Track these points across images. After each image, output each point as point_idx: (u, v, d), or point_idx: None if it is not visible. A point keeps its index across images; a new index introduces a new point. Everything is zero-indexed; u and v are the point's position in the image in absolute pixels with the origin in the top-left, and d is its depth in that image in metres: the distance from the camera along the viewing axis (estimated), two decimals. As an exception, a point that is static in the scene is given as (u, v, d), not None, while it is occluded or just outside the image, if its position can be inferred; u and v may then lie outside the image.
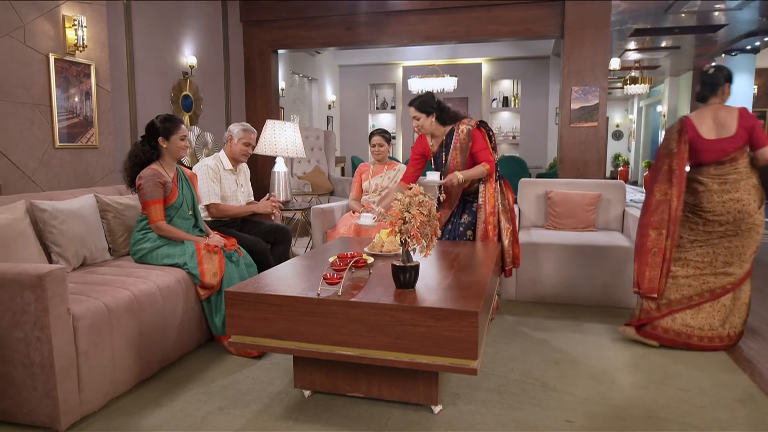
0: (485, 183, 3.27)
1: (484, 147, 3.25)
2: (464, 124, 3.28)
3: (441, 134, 3.34)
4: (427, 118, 3.25)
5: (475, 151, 3.24)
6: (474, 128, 3.25)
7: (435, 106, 3.26)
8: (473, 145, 3.24)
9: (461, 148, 3.25)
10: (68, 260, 2.69)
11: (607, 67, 6.19)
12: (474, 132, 3.25)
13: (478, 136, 3.25)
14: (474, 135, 3.24)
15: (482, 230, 3.25)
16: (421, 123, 3.27)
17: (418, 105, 3.25)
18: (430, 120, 3.26)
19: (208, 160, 3.47)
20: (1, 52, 3.53)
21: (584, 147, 6.27)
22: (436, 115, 3.26)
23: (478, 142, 3.24)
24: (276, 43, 7.09)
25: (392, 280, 2.14)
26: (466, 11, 6.50)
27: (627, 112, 16.77)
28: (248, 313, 2.09)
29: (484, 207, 3.27)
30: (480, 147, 3.24)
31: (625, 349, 2.90)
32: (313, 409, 2.25)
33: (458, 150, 3.26)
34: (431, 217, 2.06)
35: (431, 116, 3.26)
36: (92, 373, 2.16)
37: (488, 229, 3.26)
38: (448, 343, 1.89)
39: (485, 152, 3.25)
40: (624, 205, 4.20)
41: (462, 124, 3.28)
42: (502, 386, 2.45)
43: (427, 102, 3.25)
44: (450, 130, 3.31)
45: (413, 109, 3.26)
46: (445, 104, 3.33)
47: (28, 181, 3.73)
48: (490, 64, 10.13)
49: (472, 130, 3.24)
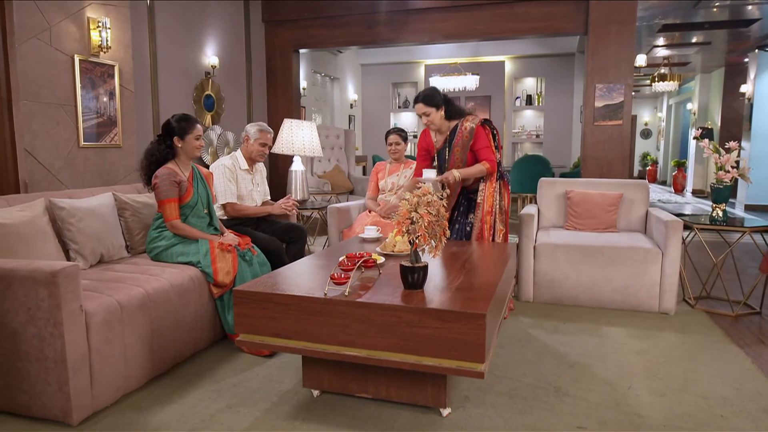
0: (485, 181, 3.25)
1: (486, 145, 3.21)
2: (468, 121, 3.25)
3: (446, 130, 3.31)
4: (437, 111, 3.22)
5: (477, 149, 3.21)
6: (478, 125, 3.22)
7: (442, 100, 3.23)
8: (475, 143, 3.20)
9: (463, 145, 3.23)
10: (85, 257, 2.74)
11: (632, 64, 6.04)
12: (477, 129, 3.21)
13: (481, 133, 3.21)
14: (477, 132, 3.21)
15: (478, 228, 3.24)
16: (431, 118, 3.23)
17: (426, 100, 3.21)
18: (440, 114, 3.23)
19: (225, 160, 3.50)
20: (28, 54, 3.61)
21: (608, 146, 6.14)
22: (444, 108, 3.24)
23: (480, 139, 3.21)
24: (297, 42, 7.13)
25: (401, 280, 2.12)
26: (488, 8, 6.42)
27: (656, 110, 16.37)
28: (256, 312, 2.09)
29: (482, 206, 3.25)
30: (482, 145, 3.20)
31: (643, 354, 2.82)
32: (321, 409, 2.24)
33: (460, 146, 3.24)
34: (440, 217, 2.03)
35: (440, 110, 3.23)
36: (104, 368, 2.20)
37: (483, 228, 3.23)
38: (455, 345, 1.85)
39: (487, 150, 3.21)
40: (647, 206, 4.08)
41: (466, 120, 3.26)
42: (514, 390, 2.40)
43: (434, 96, 3.22)
44: (454, 126, 3.28)
45: (421, 104, 3.22)
46: (450, 98, 3.30)
47: (54, 180, 3.81)
48: (513, 61, 10.00)
49: (475, 128, 3.21)
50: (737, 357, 2.78)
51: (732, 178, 3.52)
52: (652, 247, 3.49)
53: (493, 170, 3.22)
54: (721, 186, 3.56)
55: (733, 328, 3.24)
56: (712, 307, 3.61)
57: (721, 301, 3.75)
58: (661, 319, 3.38)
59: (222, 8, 6.28)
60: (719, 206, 3.60)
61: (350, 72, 10.45)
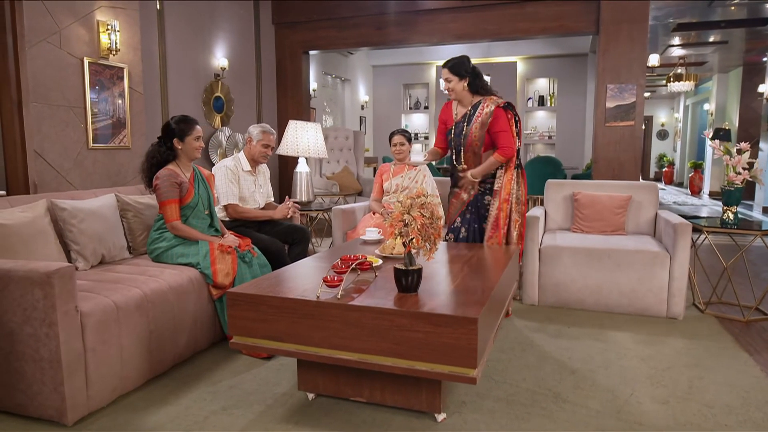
0: (504, 168, 3.19)
1: (505, 129, 3.13)
2: (491, 101, 3.18)
3: (468, 103, 3.24)
4: (459, 81, 3.15)
5: (495, 131, 3.14)
6: (498, 107, 3.15)
7: (469, 71, 3.16)
8: (494, 124, 3.13)
9: (482, 123, 3.15)
10: (86, 258, 2.76)
11: (644, 64, 5.94)
12: (497, 111, 3.14)
13: (501, 115, 3.14)
14: (497, 114, 3.13)
15: (494, 217, 3.18)
16: (452, 86, 3.18)
17: (451, 66, 3.17)
18: (462, 84, 3.16)
19: (227, 161, 3.51)
20: (38, 56, 3.65)
21: (620, 147, 6.04)
22: (468, 80, 3.16)
23: (500, 121, 3.13)
24: (307, 44, 7.14)
25: (395, 283, 2.09)
26: (499, 8, 6.37)
27: (673, 110, 16.11)
28: (249, 314, 2.08)
29: (499, 193, 3.19)
30: (501, 128, 3.13)
31: (648, 360, 2.76)
32: (316, 413, 2.22)
33: (479, 124, 3.16)
34: (434, 219, 2.00)
35: (464, 80, 3.16)
36: (100, 369, 2.20)
37: (500, 217, 3.19)
38: (447, 350, 1.82)
39: (506, 135, 3.13)
40: (657, 208, 4.00)
41: (490, 99, 3.19)
42: (512, 395, 2.36)
43: (462, 65, 3.16)
44: (477, 102, 3.21)
45: (446, 70, 3.18)
46: (480, 72, 3.22)
47: (63, 181, 3.85)
48: (525, 62, 9.91)
49: (495, 109, 3.14)
50: (746, 364, 2.71)
51: (743, 180, 3.43)
52: (660, 251, 3.41)
53: (510, 156, 3.15)
54: (732, 188, 3.47)
55: (743, 334, 3.16)
56: (722, 313, 3.52)
57: (732, 306, 3.66)
58: (669, 325, 3.31)
59: (232, 10, 6.31)
60: (730, 209, 3.51)
61: (361, 73, 10.45)
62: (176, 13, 5.41)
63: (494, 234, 3.26)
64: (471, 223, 3.33)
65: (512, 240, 3.20)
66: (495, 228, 3.21)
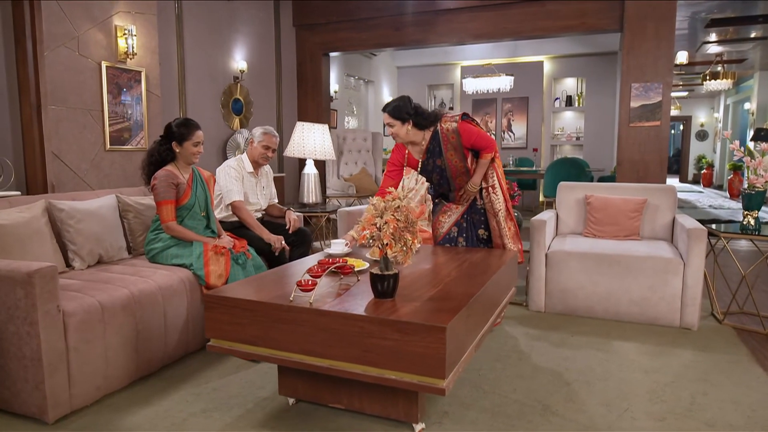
0: (492, 164, 3.13)
1: (477, 134, 3.02)
2: (447, 122, 3.03)
3: (421, 140, 3.06)
4: (402, 125, 2.96)
5: (473, 142, 3.04)
6: (459, 122, 3.03)
7: (411, 113, 2.96)
8: (466, 139, 3.02)
9: (454, 147, 3.03)
10: (83, 258, 2.80)
11: (671, 62, 5.70)
12: (461, 126, 3.01)
13: (466, 128, 3.02)
14: (462, 129, 3.01)
15: (504, 210, 3.13)
16: (395, 131, 3.00)
17: (391, 111, 2.98)
18: (406, 128, 2.97)
19: (231, 162, 3.52)
20: (57, 61, 3.76)
21: (645, 148, 5.81)
22: (412, 122, 2.98)
23: (470, 133, 3.02)
24: (327, 45, 7.15)
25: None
26: (519, 7, 6.23)
27: (713, 110, 15.46)
28: (224, 317, 2.07)
29: (499, 186, 3.14)
30: (474, 135, 3.02)
31: (652, 373, 2.61)
32: (293, 419, 2.19)
33: (452, 150, 3.04)
34: (409, 223, 1.94)
35: (407, 123, 2.97)
36: (83, 368, 2.23)
37: (509, 207, 3.15)
38: (416, 359, 1.76)
39: (480, 138, 3.04)
40: (674, 212, 3.81)
41: (444, 122, 3.03)
42: (499, 407, 2.27)
43: (402, 108, 2.95)
44: (433, 133, 3.05)
45: (386, 115, 3.00)
46: (422, 108, 3.03)
47: (80, 182, 3.95)
48: (552, 61, 9.68)
49: (458, 126, 3.01)
50: (759, 380, 2.53)
51: (766, 183, 3.22)
52: (673, 257, 3.24)
53: (494, 149, 3.08)
54: (752, 191, 3.27)
55: (762, 348, 2.97)
56: (742, 323, 3.32)
57: (754, 316, 3.44)
58: (682, 335, 3.14)
59: (251, 13, 6.37)
60: (751, 213, 3.31)
61: (385, 74, 10.42)
62: (195, 16, 5.49)
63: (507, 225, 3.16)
64: (467, 231, 3.24)
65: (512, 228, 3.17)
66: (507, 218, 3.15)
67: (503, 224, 3.13)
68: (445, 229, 3.27)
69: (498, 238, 3.15)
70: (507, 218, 3.16)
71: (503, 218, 3.13)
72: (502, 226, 3.13)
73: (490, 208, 3.16)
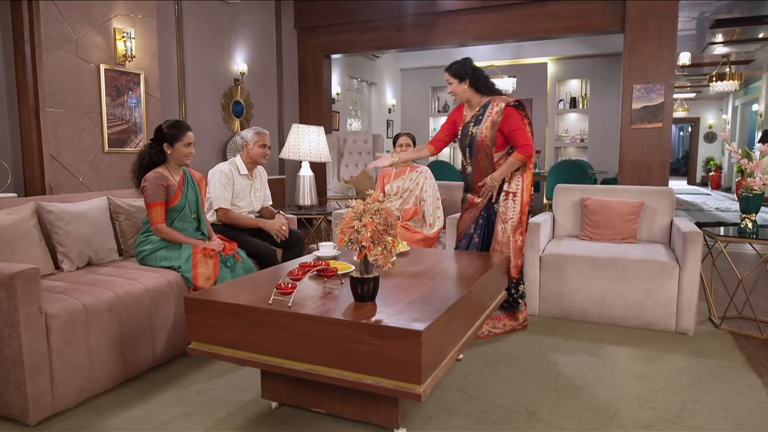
0: (523, 170, 3.11)
1: (519, 127, 3.05)
2: (501, 100, 3.11)
3: (476, 104, 3.18)
4: (459, 83, 3.11)
5: (510, 131, 3.06)
6: (510, 105, 3.07)
7: (469, 73, 3.11)
8: (506, 123, 3.05)
9: (492, 123, 3.09)
10: (72, 260, 2.81)
11: (674, 63, 5.64)
12: (508, 109, 3.06)
13: (513, 114, 3.06)
14: (508, 112, 3.06)
15: (516, 221, 3.09)
16: (453, 88, 3.16)
17: (451, 69, 3.15)
18: (463, 86, 3.12)
19: (223, 166, 3.51)
20: (55, 64, 3.78)
21: (647, 150, 5.75)
22: (469, 82, 3.11)
23: (512, 120, 3.05)
24: (328, 47, 7.16)
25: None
26: (520, 8, 6.20)
27: (721, 111, 15.30)
28: (204, 320, 2.05)
29: (520, 196, 3.10)
30: (515, 126, 3.05)
31: (643, 378, 2.57)
32: (275, 422, 2.17)
33: (489, 124, 3.10)
34: (389, 226, 1.92)
35: (464, 82, 3.11)
36: (66, 370, 2.22)
37: (523, 220, 3.12)
38: (392, 364, 1.73)
39: (521, 133, 3.05)
40: (672, 215, 3.76)
41: (500, 98, 3.12)
42: (484, 412, 2.24)
43: (462, 68, 3.12)
44: (486, 102, 3.15)
45: (447, 74, 3.16)
46: (483, 72, 3.16)
47: (78, 184, 3.97)
48: (556, 63, 9.62)
49: (505, 107, 3.06)
50: (752, 387, 2.48)
51: (763, 186, 3.16)
52: (669, 260, 3.19)
53: (530, 154, 3.07)
54: (750, 194, 3.21)
55: (758, 354, 2.91)
56: (740, 328, 3.27)
57: (753, 321, 3.38)
58: (677, 340, 3.09)
59: (253, 16, 6.38)
60: (749, 216, 3.25)
61: (388, 76, 10.40)
62: (195, 19, 5.51)
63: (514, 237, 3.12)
64: (484, 229, 3.23)
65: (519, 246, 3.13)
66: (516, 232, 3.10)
67: (509, 233, 3.11)
68: (465, 227, 3.28)
69: (497, 243, 3.13)
70: (516, 230, 3.11)
71: (511, 228, 3.10)
72: (507, 235, 3.10)
73: (502, 213, 3.14)
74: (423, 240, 3.72)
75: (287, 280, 2.06)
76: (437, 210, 3.86)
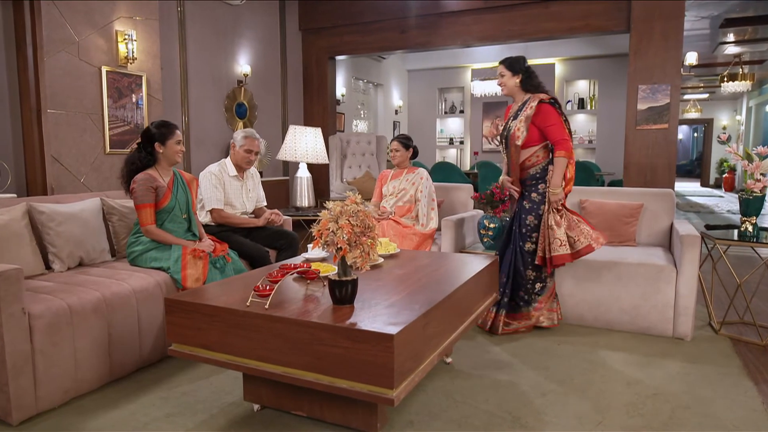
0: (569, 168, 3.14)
1: (555, 123, 3.06)
2: (538, 97, 3.13)
3: (519, 100, 3.24)
4: (512, 76, 3.18)
5: (545, 126, 3.08)
6: (543, 102, 3.09)
7: (523, 69, 3.18)
8: (539, 119, 3.07)
9: (526, 117, 3.11)
10: (62, 260, 2.82)
11: (680, 63, 5.55)
12: (542, 105, 3.08)
13: (547, 109, 3.08)
14: (542, 108, 3.08)
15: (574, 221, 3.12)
16: (505, 81, 3.22)
17: (506, 61, 3.22)
18: (515, 80, 3.18)
19: (213, 167, 3.52)
20: (57, 66, 3.81)
21: (652, 152, 5.67)
22: (521, 77, 3.17)
23: (547, 116, 3.07)
24: (332, 49, 7.16)
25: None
26: (522, 8, 6.15)
27: (735, 112, 15.05)
28: (185, 322, 2.05)
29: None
30: (550, 122, 3.06)
31: (634, 385, 2.51)
32: (255, 425, 2.16)
33: (524, 118, 3.12)
34: (366, 229, 1.90)
35: (516, 76, 3.18)
36: (50, 371, 2.23)
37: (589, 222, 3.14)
38: (366, 368, 1.71)
39: (557, 128, 3.06)
40: (672, 218, 3.69)
41: (537, 95, 3.14)
42: (467, 418, 2.20)
43: (515, 63, 3.20)
44: (527, 99, 3.19)
45: (501, 65, 3.23)
46: (535, 73, 3.23)
47: (80, 185, 4.00)
48: (564, 63, 9.53)
49: (539, 103, 3.08)
50: (746, 395, 2.41)
51: (763, 188, 3.09)
52: (666, 264, 3.13)
53: (569, 149, 3.08)
54: (750, 197, 3.14)
55: (757, 360, 2.84)
56: (740, 334, 3.19)
57: (753, 326, 3.30)
58: (673, 345, 3.02)
59: (256, 18, 6.40)
60: (749, 219, 3.17)
61: (395, 78, 10.39)
62: (198, 21, 5.53)
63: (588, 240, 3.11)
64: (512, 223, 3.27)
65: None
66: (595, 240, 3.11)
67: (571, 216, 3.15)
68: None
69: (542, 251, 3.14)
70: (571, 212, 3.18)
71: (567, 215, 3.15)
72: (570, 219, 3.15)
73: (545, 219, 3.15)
74: (415, 234, 3.71)
75: (266, 282, 2.05)
76: (431, 211, 3.85)
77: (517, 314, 3.23)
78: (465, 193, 4.34)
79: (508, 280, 3.21)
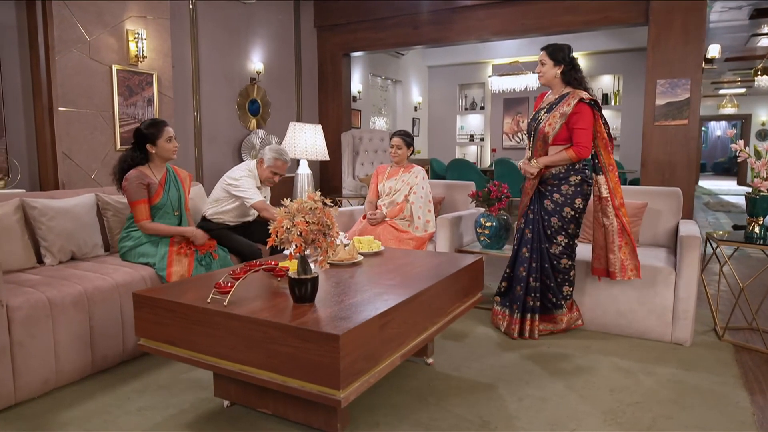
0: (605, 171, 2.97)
1: (585, 127, 2.92)
2: (579, 94, 2.97)
3: (557, 92, 3.07)
4: (554, 66, 3.01)
5: (575, 127, 2.94)
6: (584, 102, 2.94)
7: (567, 60, 3.01)
8: (574, 118, 2.93)
9: (561, 114, 2.96)
10: (54, 254, 2.89)
11: (701, 57, 5.32)
12: (581, 105, 2.93)
13: (584, 110, 2.93)
14: (579, 108, 2.93)
15: (618, 225, 2.93)
16: (545, 69, 3.04)
17: (549, 49, 3.04)
18: (556, 71, 3.02)
19: (251, 164, 3.48)
20: (68, 65, 3.91)
21: (671, 149, 5.46)
22: (563, 68, 3.01)
23: (581, 118, 2.92)
24: (347, 46, 7.15)
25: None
26: (538, 2, 6.01)
27: (775, 108, 14.37)
28: (150, 317, 2.07)
29: (610, 200, 2.95)
30: (582, 125, 2.92)
31: (618, 392, 2.41)
32: (222, 422, 2.16)
33: (558, 114, 2.97)
34: (324, 227, 1.87)
35: (558, 67, 3.01)
36: (29, 362, 2.29)
37: (623, 223, 2.93)
38: (313, 367, 1.69)
39: (585, 134, 2.92)
40: (678, 218, 3.53)
41: (578, 93, 2.97)
42: (435, 420, 2.16)
43: (561, 51, 3.01)
44: (565, 93, 3.02)
45: (543, 53, 3.05)
46: (579, 65, 3.06)
47: (90, 181, 4.10)
48: (587, 58, 9.27)
49: (578, 102, 2.93)
50: (737, 406, 2.29)
51: (771, 187, 2.92)
52: (665, 266, 3.00)
53: (584, 156, 2.95)
54: (757, 196, 2.98)
55: (757, 369, 2.69)
56: (746, 341, 3.03)
57: (759, 333, 3.13)
58: (670, 351, 2.89)
59: (270, 15, 6.44)
60: (756, 220, 3.01)
61: (414, 74, 10.31)
62: (211, 19, 5.59)
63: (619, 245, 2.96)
64: (535, 224, 3.09)
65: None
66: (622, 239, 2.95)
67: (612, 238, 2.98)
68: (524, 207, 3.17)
69: (600, 249, 3.02)
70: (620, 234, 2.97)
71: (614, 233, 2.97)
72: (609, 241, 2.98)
73: (597, 217, 3.05)
74: (412, 239, 3.65)
75: (228, 279, 2.04)
76: (428, 213, 3.76)
77: (548, 316, 3.11)
78: (467, 190, 4.26)
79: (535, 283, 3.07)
